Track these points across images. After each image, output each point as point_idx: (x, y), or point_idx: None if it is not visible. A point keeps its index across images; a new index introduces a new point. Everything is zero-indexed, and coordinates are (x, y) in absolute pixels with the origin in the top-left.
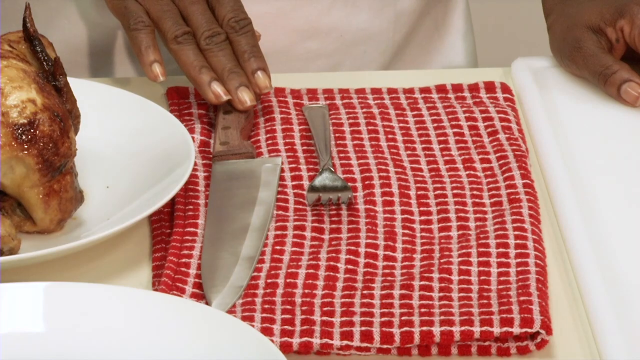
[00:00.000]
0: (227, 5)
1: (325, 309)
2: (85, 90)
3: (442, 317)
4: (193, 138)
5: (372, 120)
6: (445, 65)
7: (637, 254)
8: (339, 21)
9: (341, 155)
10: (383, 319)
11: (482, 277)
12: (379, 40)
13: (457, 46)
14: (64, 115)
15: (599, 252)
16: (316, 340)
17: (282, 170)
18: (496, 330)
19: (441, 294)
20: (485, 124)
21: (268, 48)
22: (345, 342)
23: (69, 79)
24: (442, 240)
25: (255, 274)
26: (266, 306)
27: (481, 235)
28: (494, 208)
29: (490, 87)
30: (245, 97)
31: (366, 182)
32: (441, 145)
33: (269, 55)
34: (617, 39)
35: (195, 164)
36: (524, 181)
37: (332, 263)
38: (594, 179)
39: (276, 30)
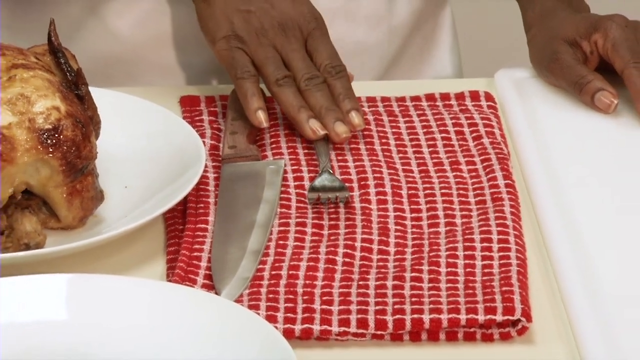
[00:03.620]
0: (324, 53)
1: (324, 298)
2: (105, 98)
3: (431, 306)
4: (204, 142)
5: (367, 126)
6: (434, 75)
7: (609, 247)
8: (339, 34)
9: (339, 158)
10: (377, 308)
11: (467, 269)
12: (375, 52)
13: (445, 59)
14: (86, 121)
15: (574, 246)
16: (316, 327)
17: (285, 172)
18: (481, 317)
19: (430, 285)
20: (471, 129)
21: None
22: (342, 329)
23: (90, 88)
24: (431, 236)
25: (261, 266)
26: (270, 296)
27: (467, 231)
28: (478, 206)
29: (475, 95)
30: (341, 130)
31: (362, 183)
32: (430, 149)
33: None
34: (591, 52)
35: (206, 166)
36: (506, 182)
37: (330, 256)
38: (570, 180)
39: None
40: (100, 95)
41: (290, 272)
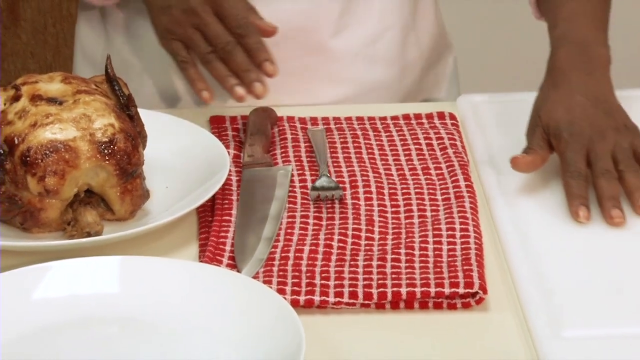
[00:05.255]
0: (229, 17)
1: (323, 275)
2: (151, 118)
3: (408, 281)
4: (228, 152)
5: (356, 140)
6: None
7: (549, 231)
8: (360, 73)
9: (334, 164)
10: (365, 282)
11: (436, 252)
12: (390, 88)
13: (449, 91)
14: (135, 135)
15: (520, 233)
16: (317, 298)
17: (292, 175)
18: (446, 290)
19: (407, 264)
20: (438, 142)
21: (305, 95)
22: (337, 299)
23: (139, 109)
24: (407, 226)
25: (273, 250)
26: (280, 273)
27: (435, 222)
28: (444, 202)
29: (441, 115)
30: (259, 91)
31: (352, 184)
32: (406, 157)
33: (305, 98)
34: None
35: (230, 171)
36: (466, 183)
37: (328, 242)
38: (515, 179)
39: (311, 79)
40: (146, 115)
41: (296, 254)
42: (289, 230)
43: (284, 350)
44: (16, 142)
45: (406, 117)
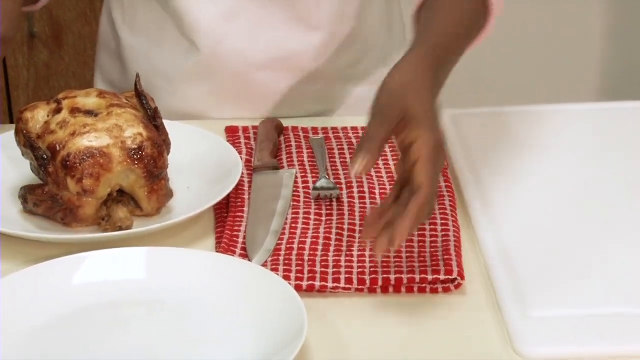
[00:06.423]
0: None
1: (322, 263)
2: (174, 127)
3: (396, 268)
4: (241, 157)
5: (351, 146)
6: None
7: (517, 226)
8: (342, 91)
9: (332, 167)
10: (359, 270)
11: (420, 243)
12: (369, 101)
13: None
14: (160, 142)
15: (493, 226)
16: (317, 283)
17: (296, 177)
18: (429, 276)
19: (395, 254)
20: None
21: (291, 110)
22: (335, 284)
23: (164, 121)
24: None
25: (279, 242)
26: (286, 261)
27: None
28: None
29: None
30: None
31: (348, 185)
32: (394, 161)
33: (292, 112)
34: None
35: (242, 174)
36: (446, 184)
37: (326, 235)
38: (488, 179)
39: (298, 97)
40: (170, 125)
41: (299, 245)
42: (293, 225)
43: (289, 328)
44: (57, 148)
45: None
